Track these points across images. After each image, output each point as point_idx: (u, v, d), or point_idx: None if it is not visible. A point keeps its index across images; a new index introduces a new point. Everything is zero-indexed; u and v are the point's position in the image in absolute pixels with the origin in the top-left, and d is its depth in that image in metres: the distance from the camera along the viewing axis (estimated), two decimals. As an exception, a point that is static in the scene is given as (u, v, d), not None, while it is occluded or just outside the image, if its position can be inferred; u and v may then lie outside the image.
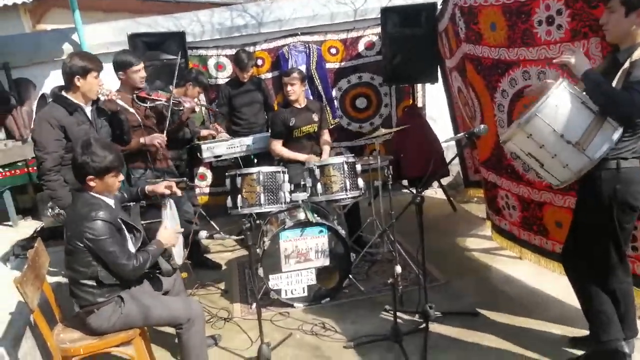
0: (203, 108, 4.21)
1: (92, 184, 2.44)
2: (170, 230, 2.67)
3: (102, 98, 3.27)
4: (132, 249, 2.52)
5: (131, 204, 2.87)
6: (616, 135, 2.16)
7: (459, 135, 2.96)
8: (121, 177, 2.54)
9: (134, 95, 3.56)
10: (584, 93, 2.26)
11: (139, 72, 3.54)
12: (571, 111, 2.20)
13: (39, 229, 4.52)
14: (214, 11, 5.57)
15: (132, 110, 3.52)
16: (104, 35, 5.33)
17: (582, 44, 2.65)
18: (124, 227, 2.51)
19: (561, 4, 2.68)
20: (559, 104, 2.20)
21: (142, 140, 3.54)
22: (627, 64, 2.17)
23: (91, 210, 2.38)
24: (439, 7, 4.47)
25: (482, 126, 2.75)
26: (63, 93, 3.03)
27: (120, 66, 3.53)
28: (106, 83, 3.22)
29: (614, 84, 2.20)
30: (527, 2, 2.89)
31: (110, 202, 2.53)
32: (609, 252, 2.35)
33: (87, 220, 2.35)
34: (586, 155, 2.17)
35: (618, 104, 2.11)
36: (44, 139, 2.94)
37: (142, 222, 2.66)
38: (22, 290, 2.32)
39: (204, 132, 4.42)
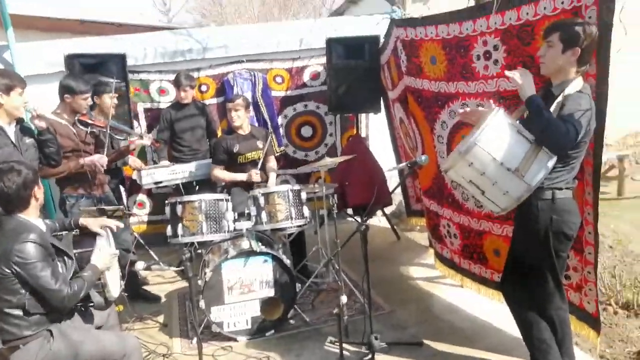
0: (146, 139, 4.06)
1: (38, 194, 2.38)
2: (105, 252, 2.53)
3: (27, 116, 3.11)
4: None
5: (63, 232, 2.69)
6: (551, 163, 2.27)
7: (401, 164, 3.02)
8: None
9: (76, 119, 3.44)
10: (518, 122, 2.36)
11: (86, 100, 3.49)
12: (509, 139, 2.28)
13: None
14: (157, 34, 5.47)
15: (73, 130, 3.41)
16: (39, 55, 5.08)
17: (516, 79, 2.78)
18: (55, 254, 2.35)
19: (497, 40, 2.82)
20: (497, 133, 2.29)
21: (81, 161, 3.39)
22: (560, 98, 2.30)
23: (21, 232, 2.24)
24: (382, 40, 4.61)
25: (423, 156, 2.82)
26: None
27: (70, 90, 3.43)
28: (34, 102, 3.06)
29: None
30: (466, 37, 3.02)
31: (42, 225, 2.38)
32: (546, 280, 2.43)
33: (17, 242, 2.20)
34: (525, 182, 2.26)
35: (555, 132, 2.20)
36: None
37: (75, 251, 2.49)
38: None
39: (132, 163, 4.28)
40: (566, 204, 2.36)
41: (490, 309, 3.41)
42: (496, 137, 2.29)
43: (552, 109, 2.32)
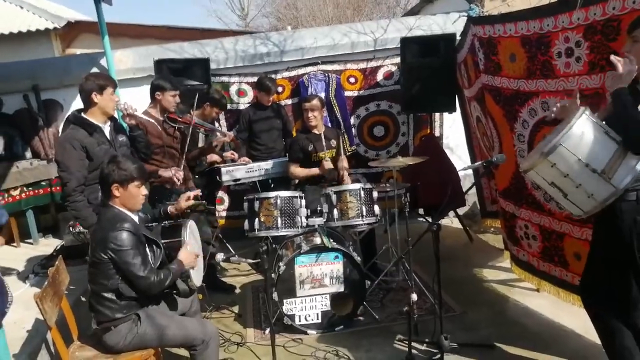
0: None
1: (116, 192, 2.51)
2: (190, 252, 2.71)
3: (119, 115, 3.37)
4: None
5: (154, 224, 2.92)
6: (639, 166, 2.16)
7: (476, 164, 2.97)
8: (144, 190, 2.62)
9: (165, 116, 3.66)
10: (604, 122, 2.26)
11: (175, 97, 3.68)
12: (595, 140, 2.19)
13: (58, 247, 4.59)
14: (238, 39, 5.72)
15: (160, 128, 3.62)
16: (131, 61, 5.50)
17: (599, 77, 2.66)
18: (145, 243, 2.56)
19: (580, 36, 2.71)
20: (583, 133, 2.20)
21: (160, 172, 3.57)
22: None
23: (116, 221, 2.45)
24: (458, 38, 4.54)
25: (499, 155, 2.76)
26: (82, 115, 3.14)
27: (160, 88, 3.65)
28: (125, 101, 3.33)
29: None
30: (547, 34, 2.92)
31: (135, 217, 2.58)
32: (630, 285, 2.31)
33: (112, 230, 2.42)
34: (612, 185, 2.16)
35: None
36: (67, 160, 3.03)
37: (163, 240, 2.69)
38: (41, 306, 2.36)
39: (217, 159, 4.47)
40: None
41: (568, 314, 3.27)
42: (582, 137, 2.20)
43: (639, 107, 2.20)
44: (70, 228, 4.47)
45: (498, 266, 4.34)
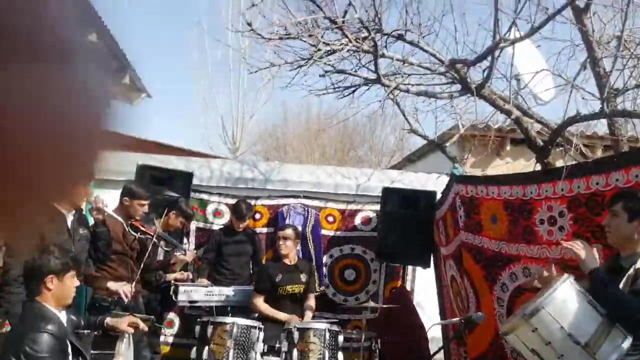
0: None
1: (50, 285, 2.22)
2: None
3: (87, 207, 3.21)
4: None
5: (86, 331, 2.56)
6: (626, 344, 2.03)
7: (453, 319, 2.79)
8: (77, 282, 2.34)
9: (130, 222, 3.50)
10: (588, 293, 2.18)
11: (143, 206, 3.58)
12: (579, 309, 2.09)
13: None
14: (226, 161, 5.80)
15: (122, 233, 3.43)
16: (115, 163, 5.43)
17: (584, 249, 2.64)
18: (70, 351, 2.19)
19: (564, 206, 2.74)
20: (567, 300, 2.10)
21: (109, 284, 3.33)
22: (631, 271, 2.14)
23: (40, 320, 2.12)
24: (439, 195, 4.64)
25: (479, 314, 2.61)
26: None
27: (130, 194, 3.55)
28: (99, 195, 3.18)
29: None
30: (530, 201, 2.97)
31: (63, 317, 2.25)
32: None
33: (33, 330, 2.08)
34: None
35: (628, 308, 2.01)
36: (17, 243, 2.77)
37: (93, 351, 2.33)
38: None
39: (178, 276, 4.22)
40: None
41: None
42: (564, 304, 2.11)
43: (622, 282, 2.15)
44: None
45: None
